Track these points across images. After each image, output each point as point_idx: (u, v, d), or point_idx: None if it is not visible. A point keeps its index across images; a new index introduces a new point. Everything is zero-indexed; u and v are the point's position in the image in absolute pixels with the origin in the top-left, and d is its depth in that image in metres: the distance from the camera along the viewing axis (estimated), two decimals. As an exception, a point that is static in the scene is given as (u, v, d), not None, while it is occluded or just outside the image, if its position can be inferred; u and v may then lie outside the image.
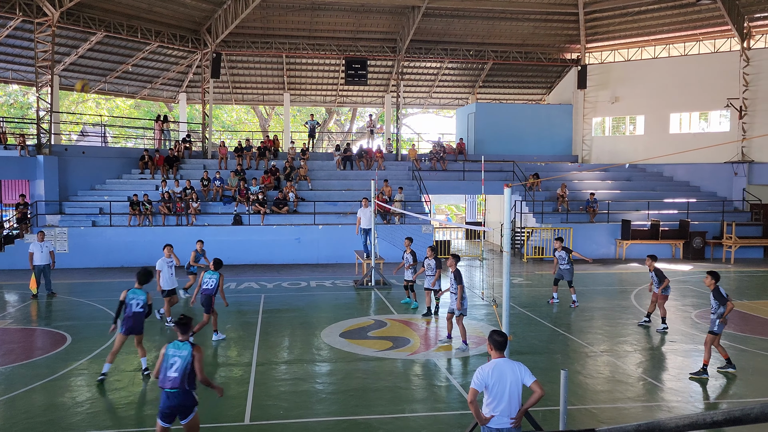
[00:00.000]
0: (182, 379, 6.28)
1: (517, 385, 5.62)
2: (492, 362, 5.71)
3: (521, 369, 5.69)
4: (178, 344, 6.45)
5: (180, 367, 6.30)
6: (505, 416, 5.60)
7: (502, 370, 5.63)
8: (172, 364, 6.33)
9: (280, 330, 12.71)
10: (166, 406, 6.31)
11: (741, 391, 9.14)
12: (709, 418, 2.10)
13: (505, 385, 5.58)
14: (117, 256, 21.48)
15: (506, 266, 6.72)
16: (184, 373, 6.29)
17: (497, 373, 5.61)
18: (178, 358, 6.34)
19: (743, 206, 26.62)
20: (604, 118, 31.76)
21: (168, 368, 6.33)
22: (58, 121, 26.10)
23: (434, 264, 13.33)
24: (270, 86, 32.97)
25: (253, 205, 22.86)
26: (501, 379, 5.59)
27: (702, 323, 13.19)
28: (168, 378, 6.30)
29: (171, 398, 6.30)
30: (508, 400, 5.59)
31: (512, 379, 5.61)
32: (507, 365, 5.67)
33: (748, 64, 26.39)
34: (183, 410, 6.34)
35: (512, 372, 5.63)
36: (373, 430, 7.70)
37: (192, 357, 6.34)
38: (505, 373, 5.62)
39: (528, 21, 29.06)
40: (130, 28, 25.20)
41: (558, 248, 15.22)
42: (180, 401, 6.31)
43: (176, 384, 6.28)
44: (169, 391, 6.30)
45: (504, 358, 5.75)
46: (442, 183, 27.23)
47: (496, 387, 5.59)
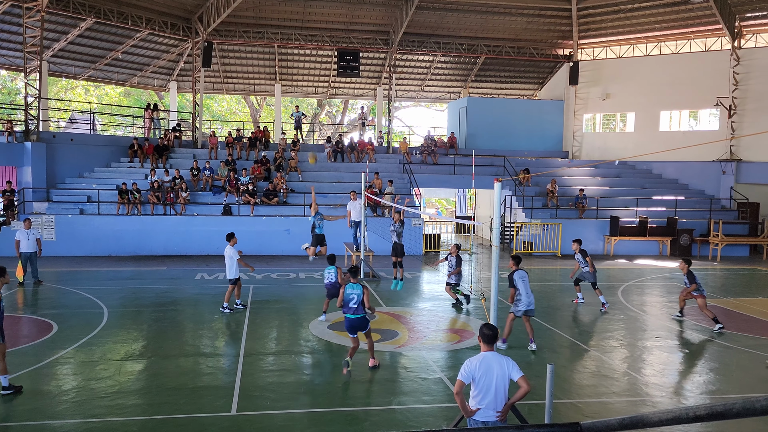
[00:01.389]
0: (358, 307, 9.34)
1: (504, 379, 5.62)
2: (480, 355, 5.72)
3: (509, 363, 5.68)
4: (353, 285, 9.46)
5: (357, 300, 9.33)
6: (491, 410, 5.62)
7: (489, 363, 5.63)
8: (352, 299, 9.32)
9: (269, 321, 12.70)
10: (349, 326, 9.46)
11: (724, 387, 9.25)
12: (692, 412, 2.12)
13: (491, 378, 5.59)
14: (105, 245, 21.35)
15: (495, 260, 6.74)
16: (359, 303, 9.33)
17: (484, 367, 5.61)
18: (355, 295, 9.33)
19: (730, 204, 26.85)
20: (595, 114, 31.86)
21: (349, 301, 9.34)
22: (46, 108, 25.87)
23: (455, 261, 13.94)
24: (261, 76, 32.79)
25: (243, 196, 22.77)
26: (488, 373, 5.59)
27: (688, 320, 13.31)
28: (349, 308, 9.35)
29: (351, 321, 9.40)
30: (495, 393, 5.60)
31: (499, 373, 5.60)
32: (495, 359, 5.66)
33: (738, 64, 26.55)
34: (360, 326, 9.44)
35: (500, 366, 5.63)
36: (360, 422, 7.73)
37: (363, 293, 9.34)
38: (493, 366, 5.61)
39: (521, 16, 29.06)
40: (120, 15, 24.95)
41: (576, 250, 14.46)
42: (358, 322, 9.39)
43: (353, 312, 9.33)
44: (351, 316, 9.35)
45: (492, 352, 5.74)
46: (433, 177, 27.26)
47: (483, 380, 5.60)
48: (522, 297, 10.44)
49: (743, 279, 19.57)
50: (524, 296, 10.42)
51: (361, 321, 9.45)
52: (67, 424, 7.45)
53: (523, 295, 10.42)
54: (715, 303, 15.13)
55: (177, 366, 9.71)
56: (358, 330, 9.44)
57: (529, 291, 10.54)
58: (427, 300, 15.26)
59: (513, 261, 10.79)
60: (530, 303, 10.51)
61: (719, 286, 17.98)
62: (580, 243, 14.60)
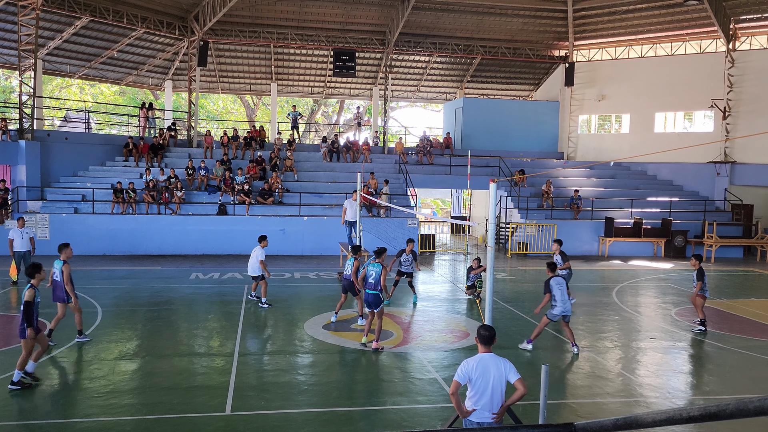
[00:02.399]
0: (375, 285, 10.41)
1: (501, 380, 5.60)
2: (477, 356, 5.71)
3: (506, 365, 5.66)
4: (374, 264, 10.59)
5: (375, 278, 10.44)
6: (487, 411, 5.60)
7: (486, 364, 5.61)
8: (371, 275, 10.48)
9: (263, 321, 12.68)
10: (365, 300, 10.61)
11: (717, 388, 9.28)
12: (685, 413, 2.12)
13: (488, 379, 5.57)
14: (99, 244, 21.27)
15: (490, 261, 6.75)
16: (377, 281, 10.40)
17: (481, 368, 5.60)
18: (374, 272, 10.47)
19: (725, 206, 26.95)
20: (591, 115, 31.94)
21: (368, 278, 10.50)
22: (41, 106, 25.76)
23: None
24: (257, 76, 32.74)
25: (238, 195, 22.73)
26: (485, 374, 5.57)
27: (682, 321, 13.35)
28: (369, 284, 10.47)
29: (367, 295, 10.51)
30: (491, 395, 5.58)
31: (496, 375, 5.58)
32: (492, 360, 5.65)
33: (732, 66, 26.66)
34: (373, 303, 10.45)
35: (497, 367, 5.61)
36: (354, 422, 7.72)
37: (381, 272, 10.41)
38: (490, 367, 5.60)
39: (517, 17, 29.11)
40: (116, 13, 24.87)
41: (555, 251, 14.35)
42: (372, 298, 10.43)
43: (372, 287, 10.41)
44: (368, 291, 10.44)
45: (490, 353, 5.72)
46: (429, 177, 27.27)
47: (480, 381, 5.58)
48: (558, 303, 10.47)
49: (737, 280, 19.65)
50: (560, 302, 10.48)
51: (375, 298, 10.43)
52: (60, 423, 7.41)
53: (558, 300, 10.48)
54: (709, 304, 15.18)
55: (171, 365, 9.68)
56: (372, 306, 10.44)
57: (566, 296, 10.61)
58: (421, 300, 15.26)
59: (548, 268, 10.90)
60: (566, 309, 10.56)
61: (713, 287, 18.03)
62: (561, 243, 14.64)
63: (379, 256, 10.68)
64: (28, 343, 8.46)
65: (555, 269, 10.89)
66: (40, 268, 8.86)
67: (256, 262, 13.74)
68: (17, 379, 8.43)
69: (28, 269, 8.91)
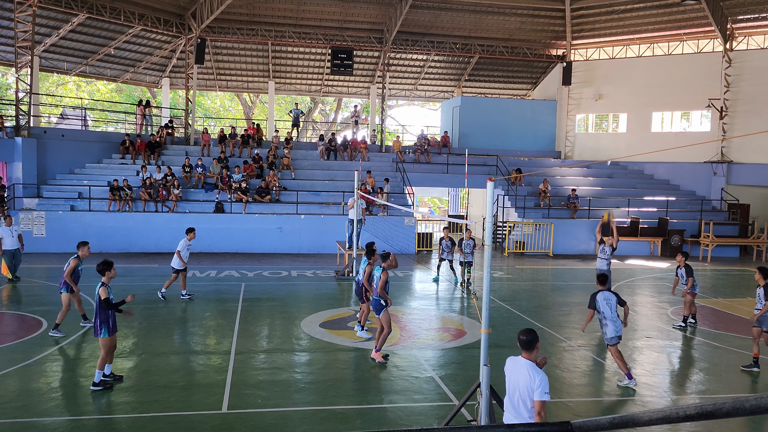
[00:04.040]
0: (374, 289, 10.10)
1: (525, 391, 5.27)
2: (516, 357, 5.52)
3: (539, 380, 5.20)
4: (378, 268, 10.24)
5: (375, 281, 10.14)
6: (511, 414, 5.41)
7: (517, 369, 5.39)
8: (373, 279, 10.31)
9: (260, 319, 12.67)
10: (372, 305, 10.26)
11: (713, 387, 9.31)
12: (681, 412, 2.13)
13: (514, 384, 5.38)
14: (95, 242, 21.07)
15: (487, 260, 6.75)
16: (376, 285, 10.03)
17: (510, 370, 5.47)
18: (375, 276, 10.21)
19: (721, 206, 27.02)
20: (588, 115, 31.97)
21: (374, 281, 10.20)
22: (37, 103, 25.66)
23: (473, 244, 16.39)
24: (255, 74, 32.68)
25: (236, 193, 22.71)
26: (511, 377, 5.44)
27: (678, 320, 13.38)
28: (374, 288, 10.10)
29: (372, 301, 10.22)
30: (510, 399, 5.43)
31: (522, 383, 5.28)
32: (526, 368, 5.33)
33: (730, 66, 26.70)
34: (375, 308, 10.03)
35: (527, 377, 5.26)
36: (351, 421, 7.72)
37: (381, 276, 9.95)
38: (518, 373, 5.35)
39: (515, 16, 29.11)
40: (113, 10, 24.80)
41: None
42: (375, 303, 10.05)
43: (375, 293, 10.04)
44: (374, 297, 10.06)
45: (527, 361, 5.40)
46: (426, 175, 27.27)
47: (508, 382, 5.47)
48: (608, 323, 9.03)
49: (733, 280, 19.70)
50: (610, 322, 9.02)
51: (376, 303, 10.04)
52: (56, 421, 7.40)
53: (609, 320, 9.03)
54: (705, 303, 15.23)
55: (168, 363, 9.67)
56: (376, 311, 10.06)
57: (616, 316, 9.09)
58: (419, 299, 15.27)
59: (598, 281, 9.37)
60: (618, 329, 9.03)
61: (709, 286, 18.09)
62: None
63: (385, 260, 10.19)
64: (106, 342, 8.34)
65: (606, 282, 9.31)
66: (111, 265, 8.65)
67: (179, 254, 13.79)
68: (98, 380, 8.36)
69: (99, 266, 8.57)
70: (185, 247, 13.90)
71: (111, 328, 8.38)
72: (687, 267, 12.62)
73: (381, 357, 9.89)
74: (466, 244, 16.39)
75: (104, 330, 8.31)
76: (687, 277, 12.54)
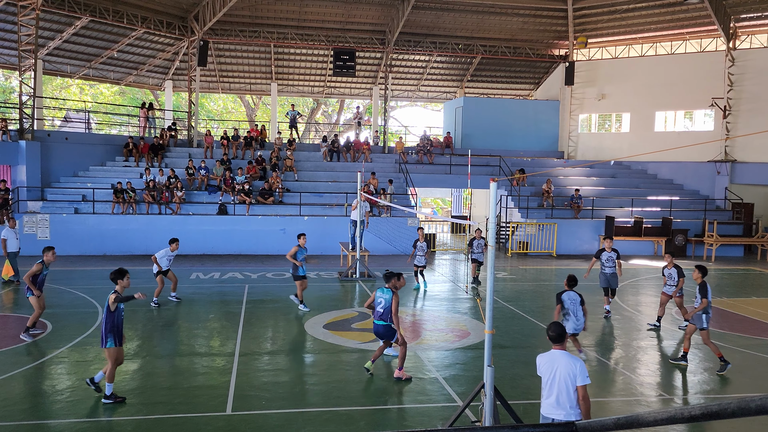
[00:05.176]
0: (383, 313, 9.02)
1: (569, 380, 5.54)
2: (548, 352, 5.76)
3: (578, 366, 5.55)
4: (384, 290, 9.14)
5: (384, 306, 9.00)
6: (555, 407, 5.58)
7: (554, 361, 5.63)
8: (380, 303, 9.07)
9: (264, 320, 12.68)
10: (376, 333, 9.25)
11: (718, 387, 9.28)
12: (686, 412, 2.12)
13: (555, 376, 5.58)
14: (99, 244, 21.27)
15: (491, 260, 6.74)
16: (386, 309, 8.98)
17: (548, 364, 5.65)
18: (383, 300, 9.05)
19: (725, 205, 26.95)
20: (591, 114, 31.93)
21: (377, 305, 9.10)
22: (41, 107, 25.76)
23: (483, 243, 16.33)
24: (257, 76, 32.73)
25: (239, 195, 22.73)
26: (551, 370, 5.61)
27: (682, 320, 13.34)
28: (377, 312, 9.10)
29: (375, 326, 9.18)
30: (557, 392, 5.57)
31: (563, 373, 5.54)
32: (563, 358, 5.62)
33: (733, 65, 26.64)
34: (382, 334, 9.14)
35: (567, 366, 5.56)
36: (355, 422, 7.71)
37: (392, 300, 8.95)
38: (557, 365, 5.59)
39: (517, 16, 29.10)
40: (116, 13, 24.87)
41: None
42: (382, 329, 9.10)
43: (381, 317, 9.04)
44: (376, 322, 9.14)
45: (561, 351, 5.70)
46: (429, 176, 27.27)
47: (547, 377, 5.64)
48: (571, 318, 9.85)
49: (737, 279, 19.64)
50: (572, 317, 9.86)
51: (386, 328, 9.08)
52: (61, 423, 7.41)
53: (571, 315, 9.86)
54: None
55: (172, 365, 9.68)
56: (382, 338, 9.21)
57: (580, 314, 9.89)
58: (422, 300, 15.27)
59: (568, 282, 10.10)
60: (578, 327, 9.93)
61: (714, 286, 18.03)
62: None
63: (389, 280, 9.18)
64: (113, 353, 8.02)
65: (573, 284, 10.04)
66: (124, 274, 8.37)
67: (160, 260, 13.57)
68: (110, 392, 8.05)
69: (112, 274, 8.34)
70: (165, 255, 13.63)
71: (118, 339, 8.03)
72: (677, 268, 12.35)
73: (406, 375, 9.10)
74: (477, 244, 16.56)
75: (110, 340, 7.98)
76: (678, 278, 12.27)
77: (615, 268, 13.26)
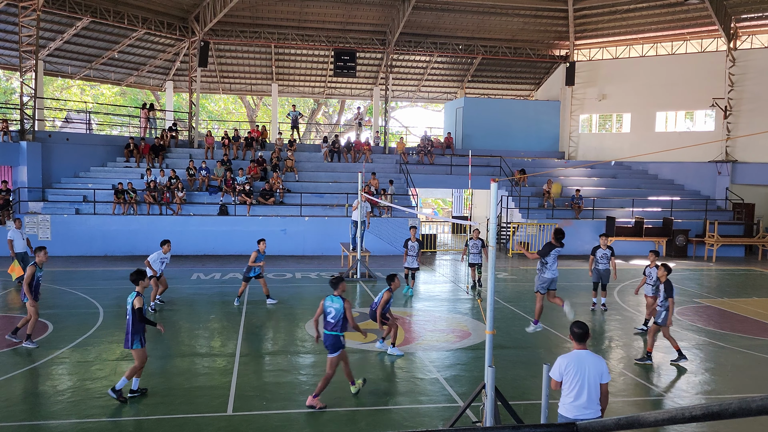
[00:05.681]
0: (335, 324, 8.07)
1: (596, 378, 5.65)
2: (572, 353, 5.80)
3: (603, 365, 5.73)
4: (333, 298, 8.19)
5: (335, 315, 8.06)
6: (582, 407, 5.63)
7: (582, 360, 5.68)
8: (329, 312, 8.14)
9: (265, 321, 12.69)
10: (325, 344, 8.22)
11: (719, 388, 9.28)
12: (687, 412, 2.12)
13: (584, 375, 5.62)
14: (100, 245, 21.29)
15: (491, 261, 6.75)
16: (338, 319, 8.04)
17: (576, 364, 5.67)
18: (333, 309, 8.11)
19: (726, 205, 26.93)
20: (591, 115, 31.92)
21: (327, 315, 8.13)
22: (42, 107, 25.78)
23: (480, 244, 15.63)
24: (258, 76, 32.75)
25: (239, 196, 22.74)
26: (580, 370, 5.63)
27: (683, 320, 13.35)
28: (328, 323, 8.12)
29: (327, 338, 8.14)
30: (587, 391, 5.62)
31: (593, 372, 5.62)
32: (589, 357, 5.71)
33: (734, 65, 26.63)
34: (332, 346, 8.10)
35: (594, 365, 5.66)
36: (356, 423, 7.72)
37: (344, 309, 8.06)
38: (585, 364, 5.66)
39: (518, 17, 29.10)
40: (116, 14, 24.89)
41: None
42: (332, 341, 8.09)
43: (333, 327, 8.09)
44: (327, 332, 8.13)
45: (586, 350, 5.79)
46: (430, 177, 27.27)
47: (574, 377, 5.64)
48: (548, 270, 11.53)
49: (738, 279, 19.62)
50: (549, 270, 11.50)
51: (334, 339, 8.11)
52: (62, 424, 7.42)
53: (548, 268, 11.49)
54: (711, 303, 15.19)
55: (173, 366, 9.69)
56: (329, 349, 8.15)
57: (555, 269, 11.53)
58: (423, 300, 15.26)
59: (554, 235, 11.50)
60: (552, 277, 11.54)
61: (714, 286, 18.03)
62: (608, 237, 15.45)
63: (336, 286, 8.31)
64: (140, 354, 8.11)
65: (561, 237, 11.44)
66: (144, 275, 8.36)
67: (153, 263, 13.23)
68: (136, 387, 8.25)
69: (132, 275, 8.22)
70: (158, 259, 13.27)
71: (144, 340, 8.18)
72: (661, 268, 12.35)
73: (320, 404, 8.03)
74: (473, 245, 15.90)
75: (137, 341, 8.06)
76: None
77: (608, 265, 13.95)
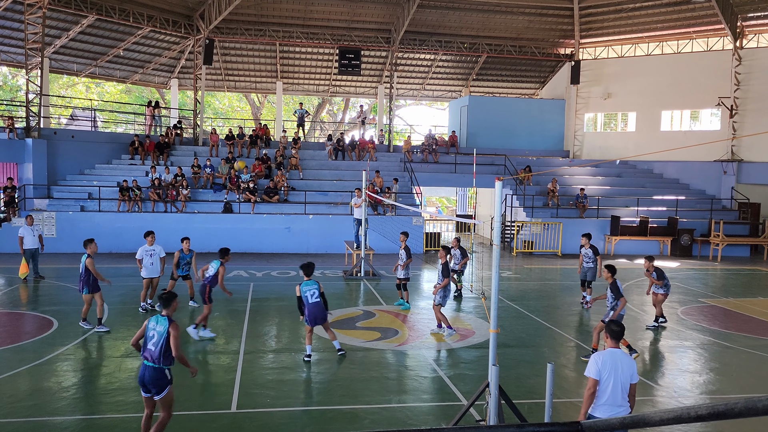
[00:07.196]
0: (159, 353, 6.28)
1: (627, 378, 5.68)
2: (607, 351, 5.81)
3: (634, 365, 5.78)
4: (159, 318, 6.47)
5: (157, 341, 6.30)
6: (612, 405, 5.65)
7: (616, 360, 5.71)
8: (151, 338, 6.37)
9: (268, 319, 12.70)
10: (141, 378, 6.37)
11: (724, 387, 9.25)
12: (693, 412, 2.11)
13: (617, 375, 5.65)
14: (105, 242, 21.29)
15: (495, 259, 6.73)
16: (161, 347, 6.28)
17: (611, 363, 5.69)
18: (156, 333, 6.37)
19: (731, 205, 26.83)
20: (596, 114, 31.84)
21: (148, 340, 6.39)
22: (47, 105, 25.83)
23: (459, 254, 14.88)
24: (263, 74, 32.77)
25: (244, 194, 22.77)
26: (614, 369, 5.66)
27: (688, 320, 13.32)
28: (147, 350, 6.37)
29: (147, 370, 6.31)
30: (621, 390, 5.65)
31: (624, 371, 5.66)
32: (621, 356, 5.75)
33: (740, 64, 26.51)
34: (156, 385, 6.32)
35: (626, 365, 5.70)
36: (359, 420, 7.72)
37: (168, 333, 6.32)
38: (618, 363, 5.69)
39: (523, 15, 29.03)
40: (122, 12, 24.94)
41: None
42: (153, 375, 6.28)
43: (153, 357, 6.30)
44: (147, 363, 6.33)
45: (620, 349, 5.82)
46: (434, 175, 27.25)
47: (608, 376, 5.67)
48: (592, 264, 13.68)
49: (744, 279, 19.56)
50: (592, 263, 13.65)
51: (157, 374, 6.30)
52: (67, 420, 7.45)
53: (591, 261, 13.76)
54: (716, 303, 15.14)
55: (176, 363, 9.69)
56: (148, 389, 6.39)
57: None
58: (427, 299, 15.25)
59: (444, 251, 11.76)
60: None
61: (720, 286, 17.97)
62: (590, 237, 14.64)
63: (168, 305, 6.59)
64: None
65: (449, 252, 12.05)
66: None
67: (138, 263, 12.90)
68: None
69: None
70: (144, 253, 12.86)
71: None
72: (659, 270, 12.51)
73: None
74: (453, 254, 14.59)
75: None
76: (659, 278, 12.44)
77: (591, 264, 14.24)
